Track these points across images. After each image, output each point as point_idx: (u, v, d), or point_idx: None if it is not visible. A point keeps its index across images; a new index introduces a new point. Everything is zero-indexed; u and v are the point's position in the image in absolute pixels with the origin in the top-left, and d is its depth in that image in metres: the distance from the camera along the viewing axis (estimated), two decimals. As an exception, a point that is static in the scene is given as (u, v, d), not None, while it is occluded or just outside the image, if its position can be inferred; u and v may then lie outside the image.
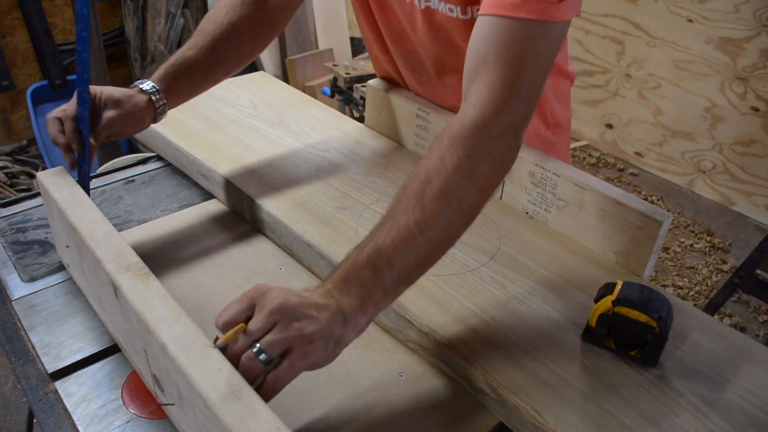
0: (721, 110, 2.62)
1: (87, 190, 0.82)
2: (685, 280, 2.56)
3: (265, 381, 0.56)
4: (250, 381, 0.55)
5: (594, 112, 3.06)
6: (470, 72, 0.69)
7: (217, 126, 1.12)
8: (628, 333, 0.70)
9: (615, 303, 0.70)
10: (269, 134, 1.11)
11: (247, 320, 0.57)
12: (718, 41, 2.52)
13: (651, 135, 2.89)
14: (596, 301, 0.72)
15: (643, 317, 0.69)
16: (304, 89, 2.98)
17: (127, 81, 3.19)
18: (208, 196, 1.04)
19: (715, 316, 2.22)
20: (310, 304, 0.57)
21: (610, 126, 3.04)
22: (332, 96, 2.38)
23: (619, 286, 0.71)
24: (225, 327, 0.57)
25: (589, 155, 3.10)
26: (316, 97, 1.53)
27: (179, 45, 3.00)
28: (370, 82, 1.14)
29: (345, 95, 2.31)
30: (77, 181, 0.81)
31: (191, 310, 0.79)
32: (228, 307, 0.57)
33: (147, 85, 0.86)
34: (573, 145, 3.12)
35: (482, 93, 0.66)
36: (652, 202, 2.77)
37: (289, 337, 0.55)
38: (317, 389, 0.70)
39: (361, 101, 2.25)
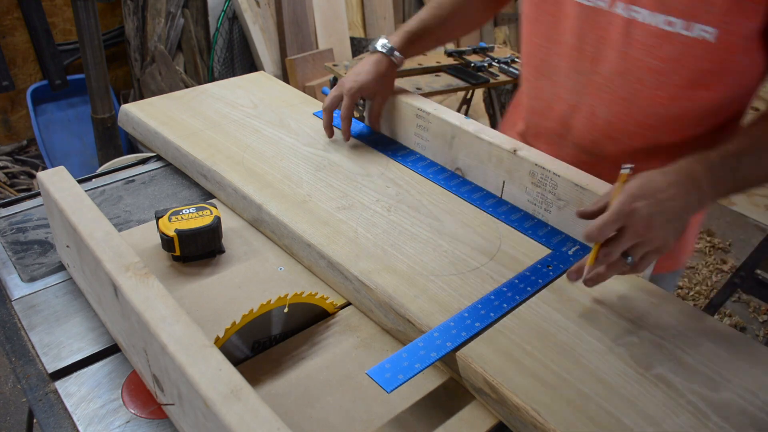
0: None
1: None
2: (685, 280, 2.56)
3: None
4: None
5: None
6: None
7: (217, 126, 1.12)
8: None
9: None
10: (269, 134, 1.11)
11: None
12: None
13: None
14: None
15: None
16: (304, 89, 2.98)
17: (127, 81, 3.19)
18: (208, 196, 1.04)
19: (715, 316, 2.21)
20: None
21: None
22: (332, 96, 2.37)
23: None
24: None
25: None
26: (316, 97, 1.53)
27: (179, 45, 3.00)
28: (370, 82, 1.14)
29: (345, 95, 2.30)
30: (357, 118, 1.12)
31: (191, 310, 0.79)
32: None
33: (385, 47, 1.05)
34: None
35: None
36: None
37: None
38: (317, 389, 0.70)
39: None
